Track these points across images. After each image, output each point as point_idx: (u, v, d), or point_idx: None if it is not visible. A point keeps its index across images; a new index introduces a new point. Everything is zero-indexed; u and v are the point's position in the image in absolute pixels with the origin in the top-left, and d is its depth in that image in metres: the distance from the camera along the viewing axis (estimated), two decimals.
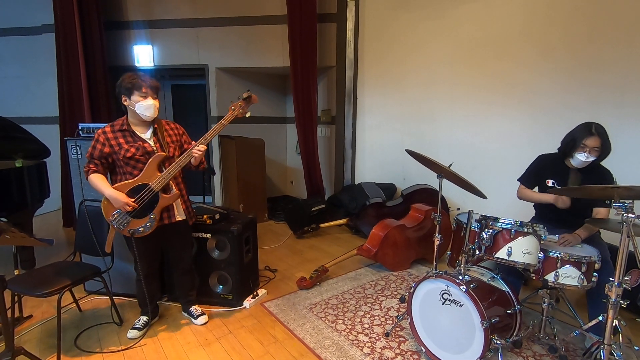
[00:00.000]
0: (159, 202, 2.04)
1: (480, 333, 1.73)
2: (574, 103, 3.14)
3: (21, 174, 2.84)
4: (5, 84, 4.84)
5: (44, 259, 3.07)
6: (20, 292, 2.08)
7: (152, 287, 2.28)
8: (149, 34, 4.68)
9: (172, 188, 2.10)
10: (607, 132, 2.06)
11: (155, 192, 2.02)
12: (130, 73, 2.03)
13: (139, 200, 2.01)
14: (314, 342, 2.18)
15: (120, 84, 2.00)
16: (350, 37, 4.47)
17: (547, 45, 3.29)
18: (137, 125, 2.08)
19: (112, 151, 2.02)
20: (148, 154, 2.04)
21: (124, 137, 2.03)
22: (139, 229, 2.03)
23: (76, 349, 2.12)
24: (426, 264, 3.34)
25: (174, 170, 2.03)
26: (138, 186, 2.01)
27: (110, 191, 1.96)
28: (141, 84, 1.97)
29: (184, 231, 2.27)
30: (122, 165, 2.03)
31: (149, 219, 2.04)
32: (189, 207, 2.25)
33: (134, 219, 2.02)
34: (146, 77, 2.01)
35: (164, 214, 2.10)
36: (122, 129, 2.04)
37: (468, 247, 1.95)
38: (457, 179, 2.12)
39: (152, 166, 2.02)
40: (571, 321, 2.36)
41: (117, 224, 2.03)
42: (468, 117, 3.90)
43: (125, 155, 2.00)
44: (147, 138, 2.08)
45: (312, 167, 4.65)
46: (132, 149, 2.01)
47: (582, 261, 1.83)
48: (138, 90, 1.97)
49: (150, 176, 2.02)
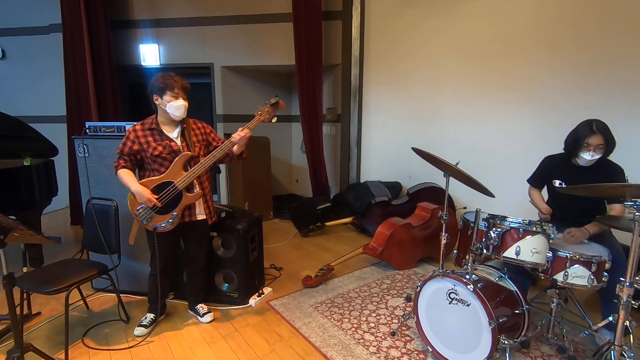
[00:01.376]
0: (182, 200, 2.09)
1: (488, 333, 1.71)
2: (584, 100, 3.09)
3: (29, 172, 2.87)
4: (13, 83, 4.89)
5: (51, 257, 3.10)
6: (28, 289, 2.11)
7: (164, 283, 2.30)
8: (154, 32, 4.70)
9: (195, 187, 2.14)
10: (609, 127, 2.04)
11: (179, 190, 2.07)
12: (164, 73, 2.09)
13: (163, 197, 2.05)
14: (319, 341, 2.17)
15: (153, 83, 2.05)
16: (355, 35, 4.45)
17: (557, 41, 3.24)
18: (165, 124, 2.13)
19: (140, 148, 2.07)
20: (174, 152, 2.08)
21: (152, 135, 2.09)
22: (161, 224, 2.09)
23: (84, 346, 2.14)
24: (432, 263, 3.32)
25: (198, 170, 2.08)
26: (163, 183, 2.07)
27: (136, 186, 2.02)
28: (174, 84, 2.03)
29: (202, 230, 2.30)
30: (149, 162, 2.09)
31: (172, 216, 2.09)
32: (210, 206, 2.28)
33: (157, 214, 2.08)
34: (178, 79, 2.07)
35: (186, 212, 2.15)
36: (151, 127, 2.10)
37: (476, 246, 1.93)
38: (465, 177, 2.09)
39: (178, 165, 2.07)
40: (580, 321, 2.33)
41: (141, 218, 2.08)
42: (475, 115, 3.86)
43: (153, 153, 2.05)
44: (174, 137, 2.13)
45: (317, 165, 4.64)
46: (160, 147, 2.06)
47: (592, 261, 1.80)
48: (170, 90, 2.03)
49: (175, 174, 2.07)
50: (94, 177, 2.54)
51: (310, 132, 4.54)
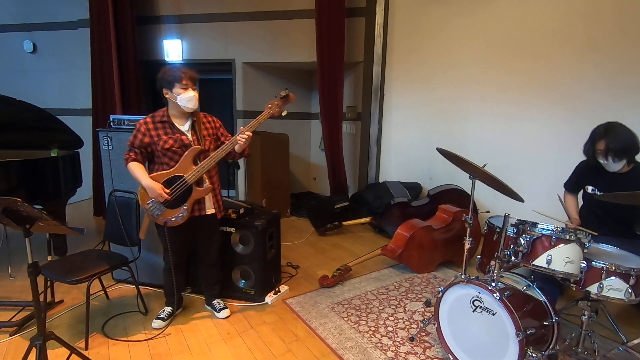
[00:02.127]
0: (192, 194, 2.08)
1: (515, 344, 1.63)
2: (612, 106, 2.94)
3: (56, 163, 2.94)
4: (43, 77, 5.05)
5: (74, 247, 3.18)
6: (52, 278, 2.15)
7: (179, 277, 2.30)
8: (178, 28, 4.75)
9: (205, 181, 2.13)
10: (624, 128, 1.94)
11: (189, 184, 2.06)
12: (169, 66, 2.07)
13: (173, 192, 2.05)
14: (335, 343, 2.13)
15: (161, 77, 2.04)
16: (379, 32, 4.37)
17: (587, 45, 3.08)
18: (176, 117, 2.12)
19: (151, 141, 2.06)
20: (185, 146, 2.07)
21: (163, 128, 2.08)
22: (171, 218, 2.09)
23: (103, 335, 2.17)
24: (452, 267, 3.22)
25: (208, 164, 2.08)
26: (173, 177, 2.06)
27: (147, 181, 2.02)
28: (181, 75, 2.01)
29: (212, 225, 2.29)
30: (160, 155, 2.08)
31: (182, 210, 2.09)
32: (219, 200, 2.27)
33: (167, 208, 2.08)
34: (185, 69, 2.05)
35: (195, 206, 2.14)
36: (162, 120, 2.09)
37: (503, 253, 1.84)
38: (492, 180, 2.00)
39: (188, 159, 2.06)
40: (612, 336, 2.20)
41: (152, 212, 2.09)
42: (499, 118, 3.73)
43: (164, 146, 2.05)
44: (185, 130, 2.12)
45: (336, 163, 4.59)
46: (170, 140, 2.05)
47: (631, 273, 1.69)
48: (179, 82, 2.01)
49: (185, 168, 2.06)
50: (117, 169, 2.58)
51: (329, 130, 4.50)
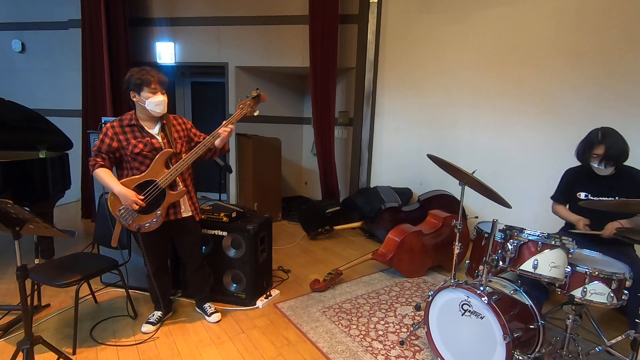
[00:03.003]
0: (165, 198, 2.03)
1: (502, 348, 1.67)
2: (602, 115, 3.03)
3: (45, 164, 2.90)
4: (32, 76, 4.98)
5: (62, 250, 3.13)
6: (40, 281, 2.12)
7: (162, 282, 2.27)
8: (171, 31, 4.74)
9: (178, 184, 2.08)
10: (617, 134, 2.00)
11: (162, 188, 2.01)
12: (138, 68, 1.98)
13: (146, 197, 1.99)
14: (327, 347, 2.14)
15: (128, 79, 1.95)
16: (371, 39, 4.43)
17: (577, 53, 3.18)
18: (145, 120, 2.05)
19: (120, 146, 1.99)
20: (156, 150, 2.01)
21: (132, 132, 2.01)
22: (145, 224, 2.03)
23: (91, 340, 2.14)
24: (442, 272, 3.27)
25: (181, 167, 2.02)
26: (145, 182, 2.00)
27: (120, 188, 1.95)
28: (150, 79, 1.94)
29: (191, 227, 2.23)
30: (129, 160, 2.01)
31: (155, 215, 2.03)
32: (195, 203, 2.23)
33: (140, 214, 2.02)
34: (154, 72, 1.98)
35: (170, 210, 2.09)
36: (130, 124, 2.01)
37: (491, 258, 1.88)
38: (480, 186, 2.06)
39: (159, 162, 2.01)
40: (595, 339, 2.26)
41: (124, 219, 2.03)
42: (490, 125, 3.81)
43: (133, 150, 1.98)
44: (155, 134, 2.05)
45: (327, 168, 4.62)
46: (140, 144, 1.99)
47: (613, 278, 1.75)
48: (147, 86, 1.94)
49: (157, 172, 2.00)
50: None
51: (322, 134, 4.53)
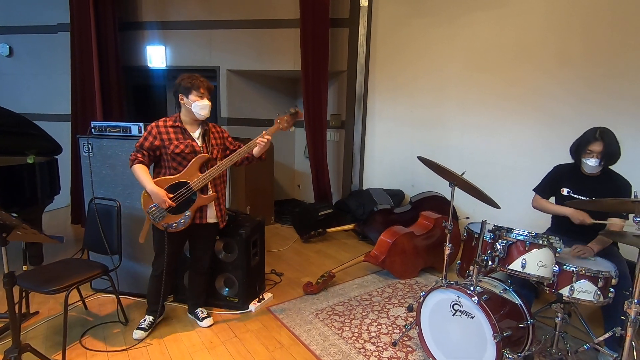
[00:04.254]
0: (195, 201, 2.10)
1: (492, 346, 1.69)
2: (591, 113, 3.09)
3: (33, 170, 2.86)
4: (20, 81, 4.91)
5: (52, 256, 3.09)
6: (28, 288, 2.09)
7: (169, 284, 2.30)
8: (162, 34, 4.72)
9: (209, 189, 2.15)
10: (615, 136, 2.05)
11: (193, 191, 2.08)
12: (189, 74, 2.11)
13: (177, 197, 2.06)
14: (320, 349, 2.14)
15: (179, 83, 2.08)
16: (362, 42, 4.47)
17: (565, 53, 3.24)
18: (188, 123, 2.14)
19: (161, 145, 2.07)
20: (195, 152, 2.10)
21: (175, 133, 2.10)
22: (173, 224, 2.09)
23: (81, 347, 2.11)
24: (434, 273, 3.29)
25: (214, 173, 2.10)
26: (178, 183, 2.07)
27: (152, 186, 2.02)
28: (199, 84, 2.06)
29: (211, 234, 2.30)
30: (168, 159, 2.09)
31: (184, 216, 2.10)
32: (222, 210, 2.28)
33: (170, 214, 2.08)
34: (203, 79, 2.10)
35: (197, 214, 2.15)
36: (174, 125, 2.11)
37: (481, 258, 1.91)
38: (470, 187, 2.08)
39: (195, 166, 2.08)
40: (583, 336, 2.30)
41: (154, 216, 2.08)
42: (480, 125, 3.86)
43: (174, 150, 2.06)
44: (196, 137, 2.14)
45: (320, 171, 4.63)
46: (182, 145, 2.07)
47: (599, 276, 1.78)
48: (196, 90, 2.05)
49: (191, 175, 2.08)
50: (97, 176, 2.53)
51: (314, 137, 4.54)
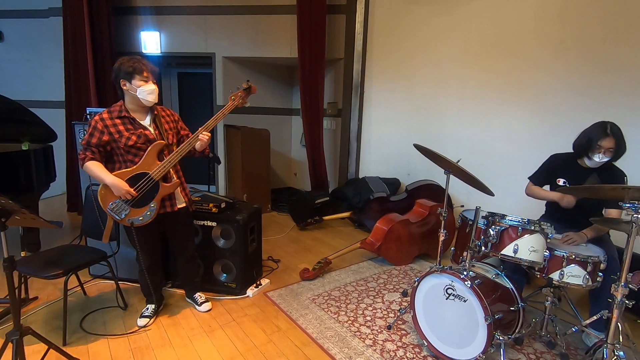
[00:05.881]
0: (159, 191, 2.00)
1: (484, 329, 1.74)
2: (585, 104, 3.12)
3: (28, 157, 2.85)
4: (12, 67, 4.83)
5: (48, 243, 3.09)
6: (27, 273, 2.11)
7: (156, 277, 2.26)
8: (156, 20, 4.64)
9: (172, 176, 2.07)
10: (622, 131, 2.04)
11: (155, 181, 1.98)
12: (128, 57, 1.94)
13: (139, 189, 1.96)
14: (316, 332, 2.19)
15: (119, 67, 1.91)
16: (359, 30, 4.43)
17: (560, 44, 3.25)
18: (136, 111, 2.00)
19: (111, 139, 1.94)
20: (149, 141, 1.98)
21: (123, 124, 1.95)
22: (138, 218, 1.99)
23: (81, 331, 2.15)
24: (429, 259, 3.35)
25: (174, 159, 2.00)
26: (137, 175, 1.95)
27: (112, 179, 1.90)
28: (142, 67, 1.91)
29: (186, 219, 2.25)
30: (122, 153, 1.97)
31: (149, 208, 2.00)
32: (188, 194, 2.23)
33: (133, 208, 1.98)
34: (145, 61, 1.96)
35: (166, 202, 2.08)
36: (120, 116, 1.96)
37: (474, 243, 1.95)
38: (465, 175, 2.11)
39: (152, 154, 1.97)
40: (572, 320, 2.37)
41: (116, 213, 1.98)
42: (476, 114, 3.88)
43: (127, 143, 1.93)
44: (147, 125, 2.02)
45: (316, 159, 4.64)
46: (134, 136, 1.94)
47: (588, 261, 1.83)
48: (139, 74, 1.91)
49: (149, 165, 1.97)
50: None
51: (310, 126, 4.54)
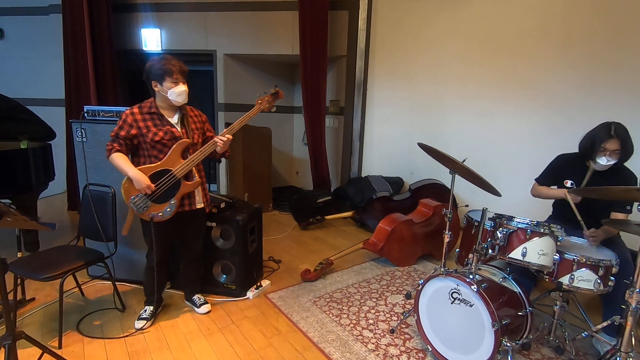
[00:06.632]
0: (180, 188, 2.03)
1: (491, 334, 1.68)
2: (589, 104, 3.05)
3: (26, 155, 2.81)
4: (11, 64, 4.80)
5: (47, 242, 3.05)
6: (22, 274, 2.06)
7: (163, 274, 2.26)
8: (157, 17, 4.59)
9: (194, 175, 2.09)
10: (628, 131, 1.97)
11: (177, 178, 2.01)
12: (159, 57, 1.98)
13: (161, 185, 1.99)
14: (317, 336, 2.14)
15: (149, 69, 1.96)
16: (362, 27, 4.36)
17: (564, 43, 3.18)
18: (165, 109, 2.05)
19: (139, 133, 1.98)
20: (175, 138, 2.02)
21: (152, 120, 2.00)
22: (158, 213, 2.03)
23: (78, 333, 2.11)
24: (432, 260, 3.29)
25: (198, 158, 2.04)
26: (161, 171, 1.99)
27: (134, 172, 1.93)
28: (172, 69, 1.94)
29: (201, 219, 2.27)
30: (147, 148, 2.00)
31: (169, 205, 2.03)
32: (207, 194, 2.25)
33: (154, 203, 2.01)
34: (175, 61, 1.98)
35: (185, 201, 2.09)
36: (150, 112, 2.01)
37: (480, 246, 1.89)
38: (471, 175, 2.05)
39: (176, 152, 2.01)
40: (581, 324, 2.31)
41: (137, 207, 2.00)
42: (481, 113, 3.80)
43: (153, 138, 1.98)
44: (174, 122, 2.06)
45: (318, 158, 4.58)
46: (161, 132, 1.99)
47: (600, 264, 1.77)
48: (169, 76, 1.94)
49: (173, 162, 2.01)
50: (92, 162, 2.49)
51: (312, 124, 4.48)
